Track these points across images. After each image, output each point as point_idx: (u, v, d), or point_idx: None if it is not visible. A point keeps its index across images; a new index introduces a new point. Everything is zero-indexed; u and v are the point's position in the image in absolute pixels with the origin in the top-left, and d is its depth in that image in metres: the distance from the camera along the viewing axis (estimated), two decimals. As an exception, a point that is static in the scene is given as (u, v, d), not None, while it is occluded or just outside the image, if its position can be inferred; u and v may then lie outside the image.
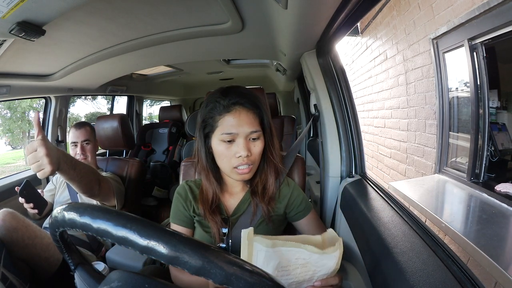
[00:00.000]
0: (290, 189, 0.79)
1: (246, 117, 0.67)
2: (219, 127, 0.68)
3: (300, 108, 2.44)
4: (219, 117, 0.68)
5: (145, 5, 0.92)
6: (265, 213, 0.74)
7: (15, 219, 0.97)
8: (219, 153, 0.69)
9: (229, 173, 0.71)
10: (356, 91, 3.67)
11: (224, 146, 0.68)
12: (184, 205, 0.77)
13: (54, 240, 0.43)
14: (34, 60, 1.21)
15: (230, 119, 0.67)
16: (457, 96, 2.00)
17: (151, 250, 0.31)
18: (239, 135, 0.67)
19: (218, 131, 0.68)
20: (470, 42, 1.71)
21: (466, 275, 0.44)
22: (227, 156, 0.68)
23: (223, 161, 0.70)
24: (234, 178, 0.72)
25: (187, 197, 0.77)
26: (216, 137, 0.69)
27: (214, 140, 0.70)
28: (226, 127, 0.67)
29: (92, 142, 1.39)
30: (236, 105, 0.67)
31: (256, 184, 0.75)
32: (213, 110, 0.69)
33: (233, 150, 0.68)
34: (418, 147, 2.31)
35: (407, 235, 0.56)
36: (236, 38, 1.22)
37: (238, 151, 0.67)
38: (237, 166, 0.68)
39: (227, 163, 0.69)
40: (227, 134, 0.67)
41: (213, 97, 0.70)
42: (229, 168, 0.69)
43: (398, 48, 2.50)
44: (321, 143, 1.08)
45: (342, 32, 0.89)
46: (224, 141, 0.67)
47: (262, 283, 0.30)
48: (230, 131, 0.66)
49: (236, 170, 0.69)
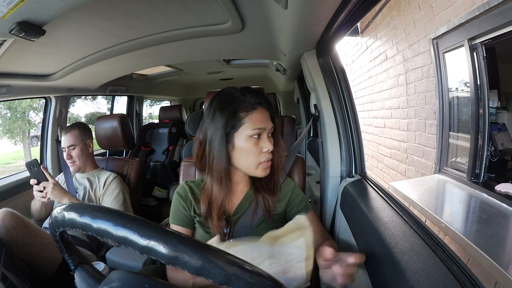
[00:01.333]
0: (290, 188, 0.80)
1: (268, 115, 0.71)
2: (246, 123, 0.68)
3: (300, 108, 2.44)
4: (245, 114, 0.68)
5: (145, 5, 0.92)
6: (267, 208, 0.74)
7: (15, 218, 0.97)
8: (246, 150, 0.68)
9: (254, 169, 0.71)
10: (356, 91, 3.67)
11: (253, 142, 0.68)
12: (184, 206, 0.77)
13: (54, 240, 0.43)
14: (34, 60, 1.21)
15: (258, 115, 0.69)
16: (457, 96, 2.00)
17: (151, 250, 0.31)
18: (265, 130, 0.70)
19: (245, 127, 0.68)
20: (470, 42, 1.71)
21: (466, 275, 0.44)
22: (255, 152, 0.69)
23: (250, 158, 0.69)
24: (258, 174, 0.72)
25: (187, 198, 0.77)
26: (243, 134, 0.68)
27: (238, 138, 0.68)
28: (256, 122, 0.68)
29: (80, 145, 1.35)
30: (259, 104, 0.70)
31: (260, 180, 0.76)
32: (238, 106, 0.68)
33: (260, 145, 0.69)
34: (418, 147, 2.31)
35: (407, 235, 0.56)
36: (236, 38, 1.22)
37: (266, 146, 0.69)
38: (263, 161, 0.70)
39: (254, 160, 0.69)
40: (258, 129, 0.68)
41: (232, 95, 0.70)
42: (255, 164, 0.70)
43: (398, 48, 2.50)
44: (321, 143, 1.08)
45: (342, 32, 0.89)
46: (252, 137, 0.68)
47: (262, 283, 0.30)
48: (260, 126, 0.68)
49: (262, 164, 0.70)
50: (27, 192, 1.56)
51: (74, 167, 1.35)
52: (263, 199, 0.74)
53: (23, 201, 1.49)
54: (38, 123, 3.90)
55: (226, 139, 0.69)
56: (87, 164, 1.39)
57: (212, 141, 0.70)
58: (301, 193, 0.81)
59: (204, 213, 0.73)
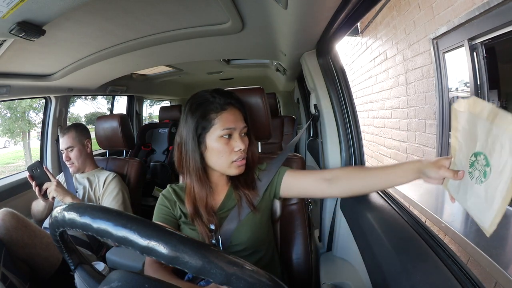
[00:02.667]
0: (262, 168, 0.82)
1: (239, 115, 0.73)
2: (216, 124, 0.70)
3: (300, 108, 2.44)
4: (215, 115, 0.70)
5: (145, 5, 0.92)
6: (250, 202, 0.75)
7: (15, 218, 0.97)
8: (218, 150, 0.71)
9: (227, 168, 0.73)
10: (356, 91, 3.67)
11: (224, 142, 0.70)
12: (168, 205, 0.78)
13: (54, 240, 0.43)
14: (34, 60, 1.21)
15: (228, 115, 0.71)
16: (457, 96, 2.00)
17: (151, 250, 0.31)
18: (236, 130, 0.71)
19: (216, 128, 0.70)
20: (470, 42, 1.71)
21: (466, 275, 0.44)
22: (226, 152, 0.71)
23: (221, 157, 0.71)
24: (231, 173, 0.74)
25: (171, 198, 0.79)
26: (213, 134, 0.70)
27: (210, 139, 0.71)
28: (226, 122, 0.70)
29: (77, 146, 1.34)
30: (230, 104, 0.72)
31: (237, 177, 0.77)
32: (208, 108, 0.71)
33: (231, 145, 0.71)
34: (418, 147, 2.31)
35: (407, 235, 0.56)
36: (236, 38, 1.22)
37: (237, 145, 0.71)
38: (235, 160, 0.72)
39: (226, 159, 0.71)
40: (228, 129, 0.70)
41: (203, 97, 0.73)
42: (228, 163, 0.72)
43: (398, 48, 2.50)
44: (321, 143, 1.08)
45: (342, 32, 0.89)
46: (223, 137, 0.70)
47: (262, 283, 0.31)
48: (230, 126, 0.70)
49: (235, 163, 0.72)
50: (27, 192, 1.57)
51: (73, 168, 1.35)
52: (243, 194, 0.76)
53: (23, 201, 1.49)
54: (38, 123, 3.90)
55: (198, 140, 0.71)
56: (86, 164, 1.39)
57: (186, 143, 0.72)
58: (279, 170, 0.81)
59: (191, 213, 0.74)
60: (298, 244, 0.90)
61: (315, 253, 1.07)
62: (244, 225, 0.75)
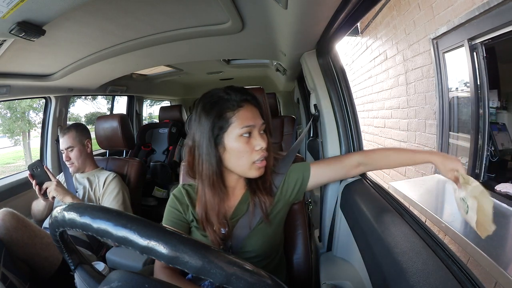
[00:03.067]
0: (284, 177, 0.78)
1: (256, 111, 0.69)
2: (234, 123, 0.65)
3: (300, 108, 2.44)
4: (232, 113, 0.65)
5: (145, 5, 0.92)
6: (264, 210, 0.72)
7: (15, 218, 0.97)
8: (238, 150, 0.66)
9: (247, 170, 0.68)
10: (356, 91, 3.67)
11: (244, 141, 0.65)
12: (180, 209, 0.75)
13: (54, 240, 0.43)
14: (34, 60, 1.21)
15: (246, 112, 0.66)
16: (457, 96, 2.00)
17: (151, 250, 0.31)
18: (255, 128, 0.67)
19: (234, 127, 0.65)
20: (470, 42, 1.71)
21: (466, 275, 0.44)
22: (247, 152, 0.66)
23: (242, 158, 0.66)
24: (251, 175, 0.69)
25: (184, 201, 0.75)
26: (232, 134, 0.65)
27: (228, 139, 0.66)
28: (245, 120, 0.65)
29: (77, 146, 1.34)
30: (245, 101, 0.68)
31: (255, 181, 0.73)
32: (224, 106, 0.66)
33: (252, 143, 0.66)
34: (418, 147, 2.31)
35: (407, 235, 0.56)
36: (236, 38, 1.22)
37: (258, 143, 0.66)
38: (256, 160, 0.67)
39: (247, 160, 0.67)
40: (247, 127, 0.65)
41: (216, 96, 0.67)
42: (249, 164, 0.67)
43: (398, 48, 2.50)
44: (321, 143, 1.08)
45: (342, 32, 0.89)
46: (242, 136, 0.65)
47: (262, 283, 0.31)
48: (249, 124, 0.65)
49: (256, 164, 0.67)
50: (27, 192, 1.57)
51: (73, 168, 1.35)
52: (259, 201, 0.72)
53: (23, 201, 1.49)
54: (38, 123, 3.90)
55: (215, 141, 0.66)
56: (86, 164, 1.39)
57: (200, 146, 0.67)
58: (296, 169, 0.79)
59: (201, 219, 0.71)
60: (298, 244, 0.90)
61: (315, 253, 1.07)
62: (256, 234, 0.72)
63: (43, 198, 1.18)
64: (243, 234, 0.72)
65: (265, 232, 0.74)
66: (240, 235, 0.72)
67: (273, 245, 0.76)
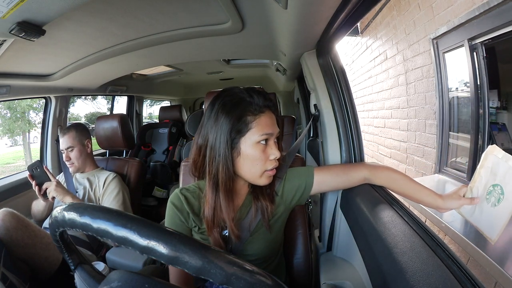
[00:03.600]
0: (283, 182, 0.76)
1: (274, 119, 0.67)
2: (254, 128, 0.62)
3: (300, 108, 2.43)
4: (253, 118, 0.63)
5: (145, 5, 0.92)
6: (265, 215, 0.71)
7: (15, 218, 0.97)
8: (253, 157, 0.63)
9: (258, 178, 0.66)
10: (356, 91, 3.67)
11: (260, 149, 0.63)
12: (181, 218, 0.72)
13: (54, 240, 0.43)
14: (34, 60, 1.21)
15: (266, 119, 0.64)
16: (457, 96, 2.00)
17: (151, 250, 0.31)
18: (273, 136, 0.65)
19: (253, 133, 0.62)
20: (470, 42, 1.71)
21: (466, 275, 0.44)
22: (262, 160, 0.64)
23: (256, 166, 0.64)
24: (261, 183, 0.67)
25: (184, 209, 0.72)
26: (249, 139, 0.63)
27: (245, 144, 0.63)
28: (264, 127, 0.63)
29: (77, 146, 1.34)
30: (267, 107, 0.65)
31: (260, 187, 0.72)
32: (246, 110, 0.63)
33: (267, 152, 0.64)
34: (418, 147, 2.31)
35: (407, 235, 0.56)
36: (236, 38, 1.22)
37: (274, 153, 0.64)
38: (269, 169, 0.65)
39: (260, 168, 0.64)
40: (266, 134, 0.63)
41: (239, 96, 0.64)
42: (261, 172, 0.65)
43: (398, 48, 2.50)
44: (321, 143, 1.08)
45: (342, 32, 0.89)
46: (260, 143, 0.63)
47: (262, 283, 0.30)
48: (268, 131, 0.63)
49: (268, 173, 0.66)
50: (27, 192, 1.57)
51: (73, 168, 1.35)
52: (262, 206, 0.71)
53: (23, 201, 1.49)
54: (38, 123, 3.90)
55: (231, 145, 0.63)
56: (87, 164, 1.39)
57: (215, 147, 0.63)
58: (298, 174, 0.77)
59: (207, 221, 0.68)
60: (298, 244, 0.90)
61: (315, 253, 1.07)
62: (257, 238, 0.71)
63: (43, 199, 1.18)
64: (244, 237, 0.71)
65: (266, 236, 0.73)
66: (241, 237, 0.71)
67: (273, 248, 0.76)
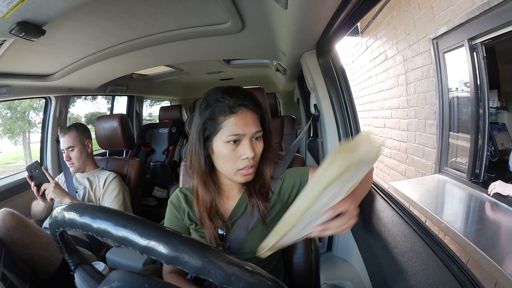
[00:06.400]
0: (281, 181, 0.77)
1: (251, 118, 0.66)
2: (224, 128, 0.64)
3: (300, 108, 2.43)
4: (223, 118, 0.64)
5: (145, 5, 0.92)
6: (261, 213, 0.72)
7: (15, 218, 0.97)
8: (223, 155, 0.66)
9: (233, 176, 0.68)
10: (356, 91, 3.67)
11: (230, 148, 0.65)
12: (177, 215, 0.76)
13: (54, 240, 0.43)
14: (34, 60, 1.21)
15: (237, 120, 0.65)
16: (457, 96, 2.00)
17: (151, 250, 0.31)
18: (245, 136, 0.65)
19: (223, 132, 0.65)
20: (470, 42, 1.71)
21: (466, 275, 0.44)
22: (232, 159, 0.66)
23: (227, 164, 0.67)
24: (237, 181, 0.69)
25: (181, 206, 0.76)
26: (220, 139, 0.65)
27: (216, 143, 0.66)
28: (233, 128, 0.64)
29: (78, 146, 1.34)
30: (241, 106, 0.65)
31: (253, 184, 0.74)
32: (216, 110, 0.65)
33: (239, 151, 0.66)
34: (418, 147, 2.31)
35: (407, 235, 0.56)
36: (236, 38, 1.22)
37: (245, 153, 0.65)
38: (242, 168, 0.67)
39: (231, 166, 0.67)
40: (234, 135, 0.64)
41: (214, 96, 0.67)
42: (234, 171, 0.67)
43: (398, 48, 2.50)
44: (321, 143, 1.08)
45: (342, 32, 0.89)
46: (229, 142, 0.65)
47: (262, 283, 0.30)
48: (237, 132, 0.64)
49: (242, 171, 0.67)
50: (27, 192, 1.57)
51: (73, 168, 1.35)
52: (256, 203, 0.72)
53: (23, 201, 1.49)
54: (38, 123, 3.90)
55: (205, 142, 0.67)
56: (87, 164, 1.39)
57: (193, 144, 0.69)
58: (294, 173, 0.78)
59: (198, 217, 0.72)
60: (298, 244, 0.90)
61: (315, 253, 1.07)
62: (254, 236, 0.72)
63: (42, 200, 1.18)
64: (241, 235, 0.71)
65: (263, 234, 0.72)
66: (238, 236, 0.71)
67: None
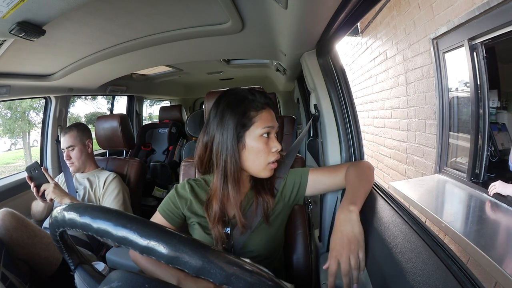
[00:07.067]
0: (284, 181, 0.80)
1: (274, 115, 0.73)
2: (257, 122, 0.68)
3: (300, 108, 2.43)
4: (255, 113, 0.69)
5: (145, 5, 0.92)
6: (265, 211, 0.73)
7: (15, 218, 0.97)
8: (257, 149, 0.68)
9: (262, 170, 0.71)
10: (356, 91, 3.67)
11: (264, 141, 0.69)
12: (178, 203, 0.76)
13: (54, 240, 0.43)
14: (34, 60, 1.21)
15: (267, 114, 0.70)
16: (457, 96, 2.00)
17: (151, 250, 0.31)
18: (274, 129, 0.71)
19: (255, 126, 0.68)
20: (470, 42, 1.71)
21: (466, 275, 0.44)
22: (265, 152, 0.69)
23: (260, 158, 0.69)
24: (263, 175, 0.72)
25: (186, 196, 0.76)
26: (253, 133, 0.68)
27: (250, 138, 0.68)
28: (266, 121, 0.69)
29: (78, 146, 1.34)
30: (267, 105, 0.71)
31: (261, 181, 0.75)
32: (249, 106, 0.69)
33: (270, 145, 0.70)
34: (418, 147, 2.31)
35: (407, 235, 0.56)
36: (236, 38, 1.22)
37: (275, 145, 0.70)
38: (271, 162, 0.70)
39: (263, 160, 0.69)
40: (268, 128, 0.69)
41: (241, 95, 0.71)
42: (264, 164, 0.70)
43: (398, 48, 2.50)
44: (321, 143, 1.08)
45: (342, 32, 0.89)
46: (263, 136, 0.68)
47: (262, 283, 0.30)
48: (269, 124, 0.69)
49: (270, 165, 0.70)
50: (27, 192, 1.56)
51: (73, 167, 1.35)
52: (263, 201, 0.74)
53: (23, 201, 1.49)
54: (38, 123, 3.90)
55: (237, 138, 0.68)
56: (87, 164, 1.39)
57: (222, 142, 0.68)
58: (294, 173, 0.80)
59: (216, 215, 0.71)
60: (298, 244, 0.90)
61: (315, 253, 1.07)
62: (258, 234, 0.73)
63: (42, 200, 1.18)
64: (245, 234, 0.72)
65: (266, 233, 0.74)
66: (242, 235, 0.72)
67: (274, 245, 0.77)
